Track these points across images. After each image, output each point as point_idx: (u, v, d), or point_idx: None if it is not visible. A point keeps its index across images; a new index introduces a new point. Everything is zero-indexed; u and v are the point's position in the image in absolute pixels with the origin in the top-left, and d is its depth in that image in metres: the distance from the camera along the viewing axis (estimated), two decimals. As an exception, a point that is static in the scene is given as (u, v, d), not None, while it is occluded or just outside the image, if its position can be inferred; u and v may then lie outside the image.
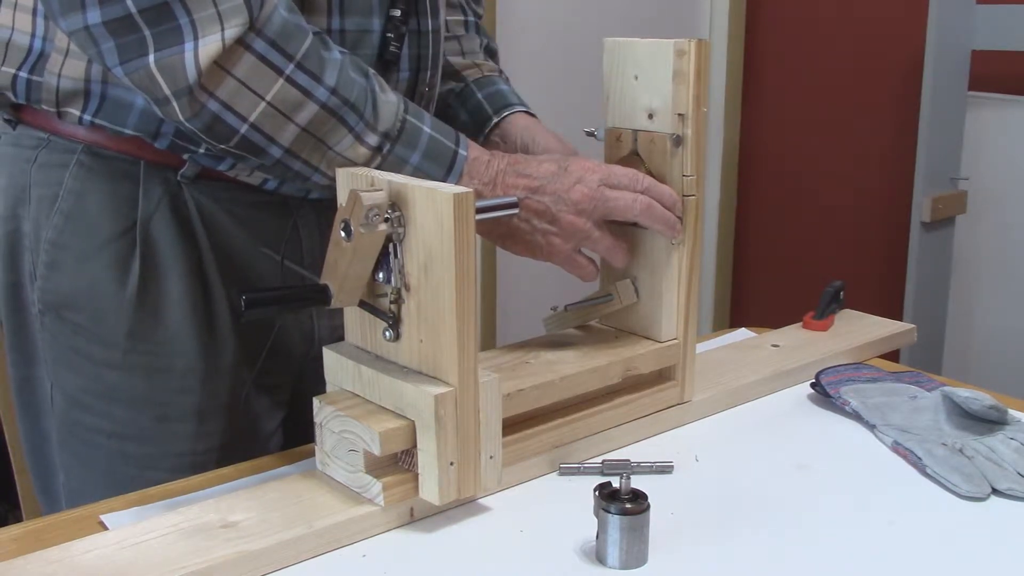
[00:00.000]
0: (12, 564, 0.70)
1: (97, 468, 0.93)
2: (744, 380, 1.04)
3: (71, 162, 0.89)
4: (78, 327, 0.91)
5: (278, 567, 0.72)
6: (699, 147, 0.91)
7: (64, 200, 0.90)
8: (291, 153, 0.81)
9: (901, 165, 2.51)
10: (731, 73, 2.96)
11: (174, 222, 0.91)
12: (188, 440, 0.93)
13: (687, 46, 0.88)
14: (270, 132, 0.80)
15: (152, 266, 0.90)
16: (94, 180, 0.89)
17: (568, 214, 0.87)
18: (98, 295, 0.90)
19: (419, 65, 0.96)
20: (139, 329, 0.91)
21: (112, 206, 0.89)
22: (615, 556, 0.73)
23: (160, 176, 0.90)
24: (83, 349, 0.91)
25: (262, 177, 0.93)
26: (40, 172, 0.91)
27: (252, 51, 0.77)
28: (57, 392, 0.94)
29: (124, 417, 0.92)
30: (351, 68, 0.82)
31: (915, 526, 0.80)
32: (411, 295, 0.76)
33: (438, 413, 0.74)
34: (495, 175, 0.87)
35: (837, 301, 1.23)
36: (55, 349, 0.93)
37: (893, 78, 2.59)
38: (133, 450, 0.92)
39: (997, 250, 2.37)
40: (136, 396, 0.92)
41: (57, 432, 0.95)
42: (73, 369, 0.92)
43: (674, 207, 0.91)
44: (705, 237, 2.99)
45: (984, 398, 0.94)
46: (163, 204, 0.90)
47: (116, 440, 0.92)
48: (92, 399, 0.92)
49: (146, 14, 0.74)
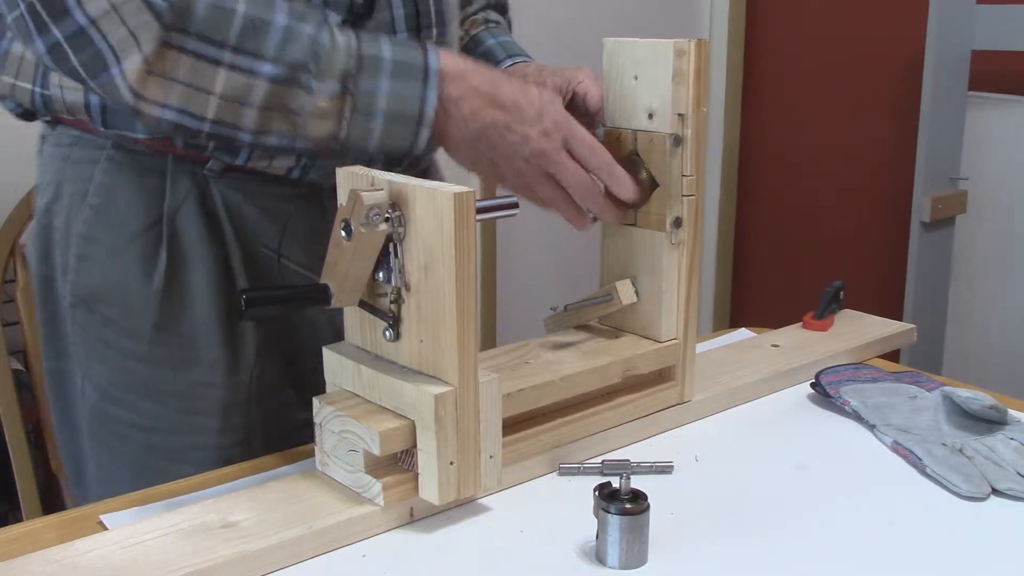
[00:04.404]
0: (12, 564, 0.70)
1: (126, 460, 0.95)
2: (744, 380, 1.04)
3: (101, 157, 0.91)
4: (107, 320, 0.92)
5: (278, 567, 0.72)
6: (699, 147, 0.91)
7: (94, 195, 0.91)
8: (260, 133, 0.81)
9: (901, 165, 2.51)
10: (731, 73, 2.96)
11: (200, 216, 0.92)
12: (214, 434, 0.94)
13: (687, 46, 0.88)
14: (232, 122, 0.80)
15: (178, 259, 0.91)
16: (123, 175, 0.91)
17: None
18: (126, 288, 0.91)
19: (418, 24, 0.95)
20: (165, 322, 0.92)
21: (140, 200, 0.91)
22: (615, 556, 0.73)
23: (187, 170, 0.91)
24: (112, 342, 0.93)
25: (287, 167, 0.93)
26: (72, 168, 0.93)
27: (184, 51, 0.77)
28: (88, 384, 0.95)
29: (151, 410, 0.93)
30: (296, 22, 0.80)
31: (915, 526, 0.80)
32: (411, 295, 0.76)
33: (438, 413, 0.74)
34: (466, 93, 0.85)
35: (837, 301, 1.23)
36: (86, 342, 0.94)
37: (893, 78, 2.59)
38: (161, 442, 0.94)
39: (997, 250, 2.37)
40: (163, 389, 0.93)
41: (88, 424, 0.96)
42: (103, 362, 0.93)
43: (593, 198, 0.89)
44: (705, 237, 2.99)
45: (984, 398, 0.94)
46: (190, 198, 0.91)
47: (144, 433, 0.94)
48: (121, 392, 0.93)
49: (71, 42, 0.76)
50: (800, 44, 2.84)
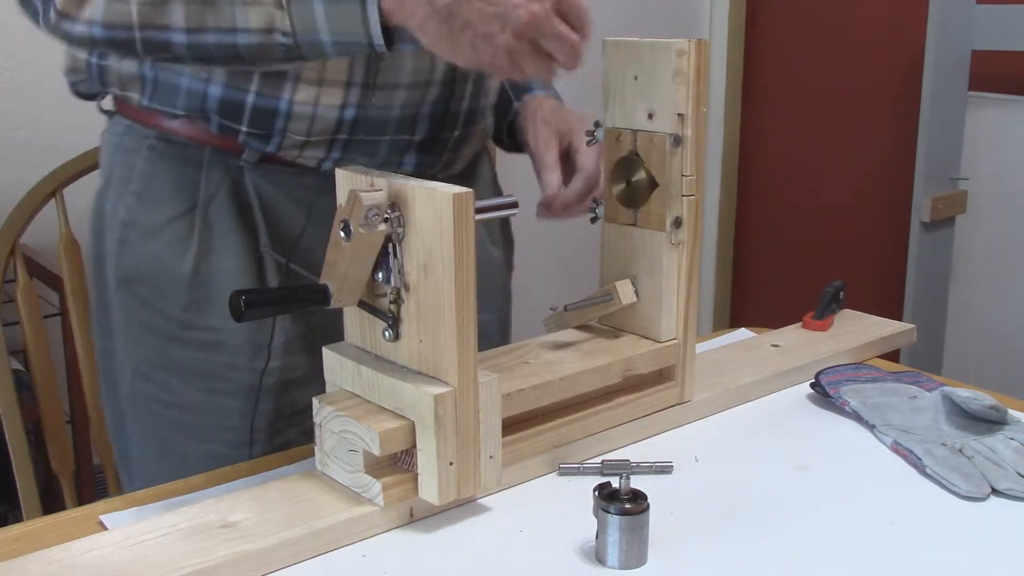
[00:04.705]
0: (12, 564, 0.70)
1: (157, 438, 0.97)
2: (744, 380, 1.04)
3: (144, 146, 0.95)
4: (143, 300, 0.95)
5: (278, 567, 0.72)
6: (699, 147, 0.91)
7: (135, 182, 0.95)
8: (195, 31, 0.80)
9: (901, 165, 2.51)
10: (731, 73, 2.96)
11: (233, 205, 0.94)
12: (240, 416, 0.96)
13: (687, 46, 0.88)
14: (160, 22, 0.80)
15: (210, 245, 0.94)
16: (163, 163, 0.94)
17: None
18: (160, 271, 0.94)
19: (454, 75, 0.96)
20: (195, 305, 0.94)
21: (177, 188, 0.94)
22: (615, 556, 0.73)
23: (222, 162, 0.94)
24: (147, 321, 0.96)
25: (317, 158, 0.94)
26: (121, 156, 0.97)
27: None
28: (126, 362, 0.98)
29: (180, 387, 0.96)
30: None
31: (915, 526, 0.80)
32: (411, 295, 0.76)
33: (438, 413, 0.74)
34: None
35: (837, 301, 1.22)
36: (125, 322, 0.97)
37: (893, 78, 2.59)
38: (190, 421, 0.96)
39: (997, 250, 2.37)
40: (192, 369, 0.95)
41: (124, 402, 1.00)
42: (139, 341, 0.97)
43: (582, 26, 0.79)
44: (705, 237, 2.99)
45: (984, 398, 0.94)
46: (223, 188, 0.94)
47: (175, 411, 0.96)
48: (153, 370, 0.96)
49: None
50: (800, 44, 2.84)
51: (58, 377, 1.48)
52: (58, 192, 1.34)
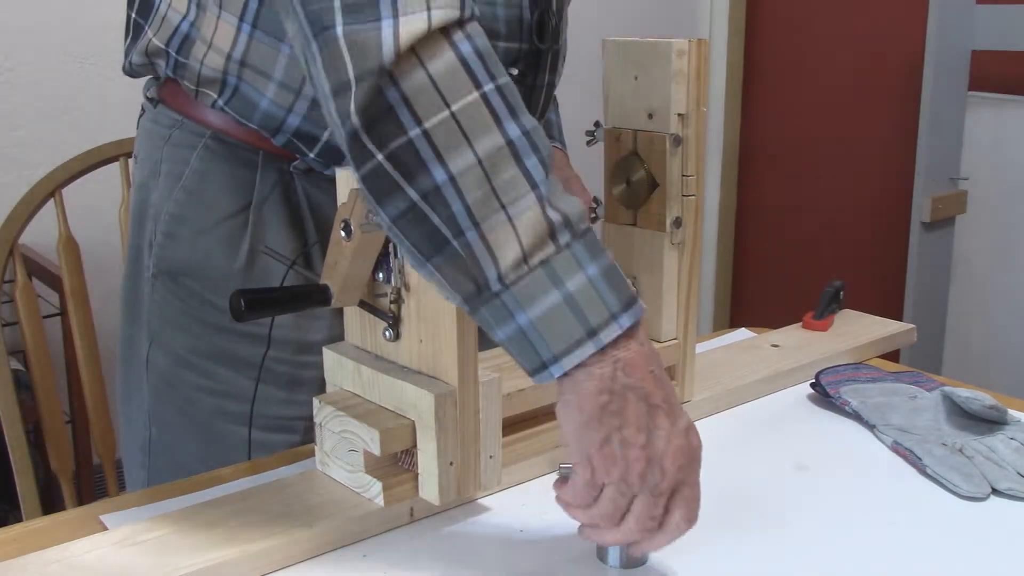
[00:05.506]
0: (12, 564, 0.70)
1: (195, 423, 0.99)
2: (744, 380, 1.04)
3: (199, 144, 0.95)
4: (191, 292, 0.97)
5: (278, 567, 0.72)
6: (699, 147, 0.91)
7: (188, 178, 0.96)
8: (454, 183, 0.64)
9: (901, 165, 2.51)
10: (731, 73, 2.96)
11: (284, 208, 0.96)
12: (280, 404, 0.98)
13: (687, 46, 0.88)
14: (442, 146, 0.64)
15: (260, 245, 0.96)
16: (217, 163, 0.95)
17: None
18: (211, 266, 0.96)
19: None
20: None
21: (230, 188, 0.95)
22: (615, 556, 0.73)
23: (276, 166, 0.95)
24: (194, 312, 0.97)
25: None
26: (171, 150, 0.97)
27: (456, 50, 0.64)
28: (158, 351, 0.99)
29: (226, 376, 0.97)
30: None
31: (915, 526, 0.80)
32: (411, 295, 0.76)
33: (438, 413, 0.74)
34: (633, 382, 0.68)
35: (837, 301, 1.23)
36: (165, 311, 0.98)
37: (893, 78, 2.59)
38: (231, 407, 0.98)
39: (997, 250, 2.37)
40: (238, 358, 0.97)
41: (154, 389, 1.01)
42: (182, 329, 0.98)
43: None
44: (705, 237, 2.99)
45: (984, 398, 0.94)
46: (276, 191, 0.96)
47: (217, 397, 0.98)
48: (198, 358, 0.97)
49: None
50: (800, 44, 2.84)
51: (58, 377, 1.47)
52: (57, 192, 1.34)
